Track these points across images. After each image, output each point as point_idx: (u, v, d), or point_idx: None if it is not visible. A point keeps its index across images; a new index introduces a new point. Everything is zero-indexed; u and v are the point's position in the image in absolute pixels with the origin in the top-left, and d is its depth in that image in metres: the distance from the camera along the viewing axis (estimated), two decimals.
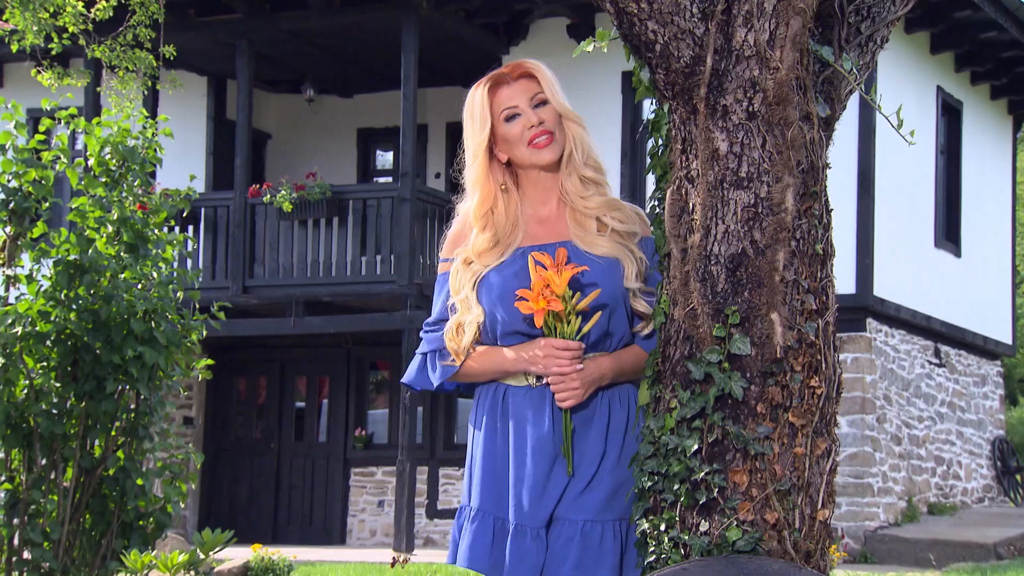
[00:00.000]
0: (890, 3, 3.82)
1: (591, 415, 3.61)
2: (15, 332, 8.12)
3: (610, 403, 3.63)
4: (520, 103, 3.67)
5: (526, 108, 3.67)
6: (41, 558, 8.04)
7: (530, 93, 3.68)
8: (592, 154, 3.69)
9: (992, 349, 18.94)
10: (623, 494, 3.56)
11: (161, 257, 8.70)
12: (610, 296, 3.60)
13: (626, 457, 3.59)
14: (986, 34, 16.96)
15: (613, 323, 3.63)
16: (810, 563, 3.54)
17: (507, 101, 3.69)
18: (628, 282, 3.61)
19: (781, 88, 3.54)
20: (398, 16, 15.82)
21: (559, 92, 3.67)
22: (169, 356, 8.49)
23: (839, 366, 3.66)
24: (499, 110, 3.69)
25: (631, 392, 3.67)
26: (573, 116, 3.67)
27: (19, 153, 8.52)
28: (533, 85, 3.68)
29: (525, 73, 3.69)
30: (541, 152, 3.66)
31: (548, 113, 3.66)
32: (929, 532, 14.83)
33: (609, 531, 3.53)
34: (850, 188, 15.06)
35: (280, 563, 11.50)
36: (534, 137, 3.66)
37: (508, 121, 3.68)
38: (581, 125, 3.68)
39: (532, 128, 3.65)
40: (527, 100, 3.67)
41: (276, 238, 16.35)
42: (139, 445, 8.52)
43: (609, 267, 3.61)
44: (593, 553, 3.49)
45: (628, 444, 3.61)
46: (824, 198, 3.65)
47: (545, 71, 3.69)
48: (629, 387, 3.67)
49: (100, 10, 11.93)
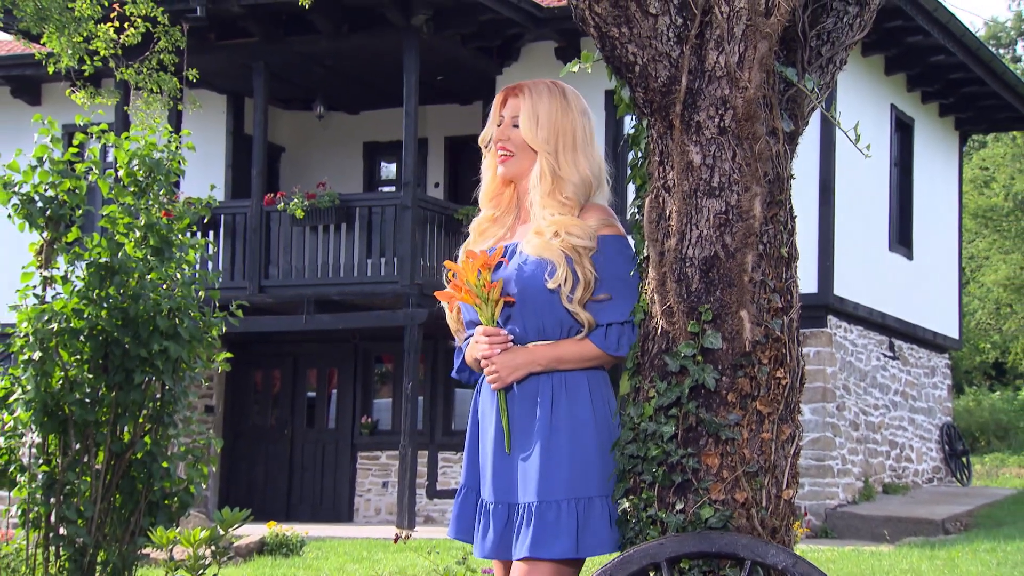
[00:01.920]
0: (848, 28, 3.82)
1: (534, 401, 3.54)
2: (51, 328, 8.11)
3: (554, 390, 3.54)
4: (508, 116, 3.67)
5: (506, 122, 3.65)
6: (75, 534, 8.03)
7: (515, 111, 3.66)
8: (563, 187, 3.58)
9: (941, 343, 18.96)
10: (577, 475, 3.48)
11: (184, 260, 8.68)
12: (526, 288, 3.54)
13: (577, 441, 3.51)
14: (935, 58, 16.98)
15: (527, 314, 3.55)
16: (776, 538, 3.54)
17: (504, 110, 3.68)
18: (549, 283, 3.51)
19: (749, 106, 3.54)
20: (400, 40, 15.80)
21: (533, 120, 3.59)
22: (192, 350, 8.47)
23: (802, 359, 3.66)
24: (498, 115, 3.68)
25: (580, 380, 3.56)
26: (544, 148, 3.59)
27: (55, 165, 8.50)
28: (518, 105, 3.66)
29: (519, 92, 3.67)
30: (499, 164, 3.65)
31: (516, 135, 3.63)
32: (884, 510, 14.85)
33: (563, 510, 3.45)
34: (812, 197, 15.07)
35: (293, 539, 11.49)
36: (497, 149, 3.66)
37: (497, 126, 3.68)
38: (554, 157, 3.59)
39: (499, 141, 3.65)
40: (510, 116, 3.66)
41: (289, 242, 16.33)
42: (164, 431, 8.50)
43: (537, 264, 3.54)
44: (549, 531, 3.42)
45: (578, 429, 3.52)
46: (789, 206, 3.65)
47: (531, 98, 3.62)
48: (579, 376, 3.56)
49: (129, 36, 11.91)
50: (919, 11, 15.66)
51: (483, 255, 3.57)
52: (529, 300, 3.56)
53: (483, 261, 3.56)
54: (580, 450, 3.51)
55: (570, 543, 3.43)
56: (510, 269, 3.58)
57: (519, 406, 3.56)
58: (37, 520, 8.05)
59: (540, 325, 3.56)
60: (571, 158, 3.64)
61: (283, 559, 10.94)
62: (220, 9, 15.79)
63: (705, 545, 3.33)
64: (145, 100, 12.92)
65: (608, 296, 3.55)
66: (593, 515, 3.48)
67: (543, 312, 3.55)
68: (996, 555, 10.49)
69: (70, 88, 13.17)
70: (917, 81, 17.86)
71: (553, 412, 3.53)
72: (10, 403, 8.20)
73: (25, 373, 8.09)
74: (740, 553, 3.29)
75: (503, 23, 16.08)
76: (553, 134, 3.63)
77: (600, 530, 3.48)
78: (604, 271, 3.56)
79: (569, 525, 3.44)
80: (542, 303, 3.55)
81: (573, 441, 3.51)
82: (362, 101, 18.72)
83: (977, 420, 26.77)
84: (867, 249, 16.59)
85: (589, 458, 3.51)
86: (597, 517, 3.48)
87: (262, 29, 16.34)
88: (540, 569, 3.44)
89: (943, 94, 18.52)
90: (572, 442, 3.51)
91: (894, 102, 17.45)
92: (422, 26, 15.64)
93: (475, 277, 3.56)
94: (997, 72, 18.14)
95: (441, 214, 16.37)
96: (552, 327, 3.56)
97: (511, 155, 3.64)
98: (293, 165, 19.30)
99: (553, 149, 3.62)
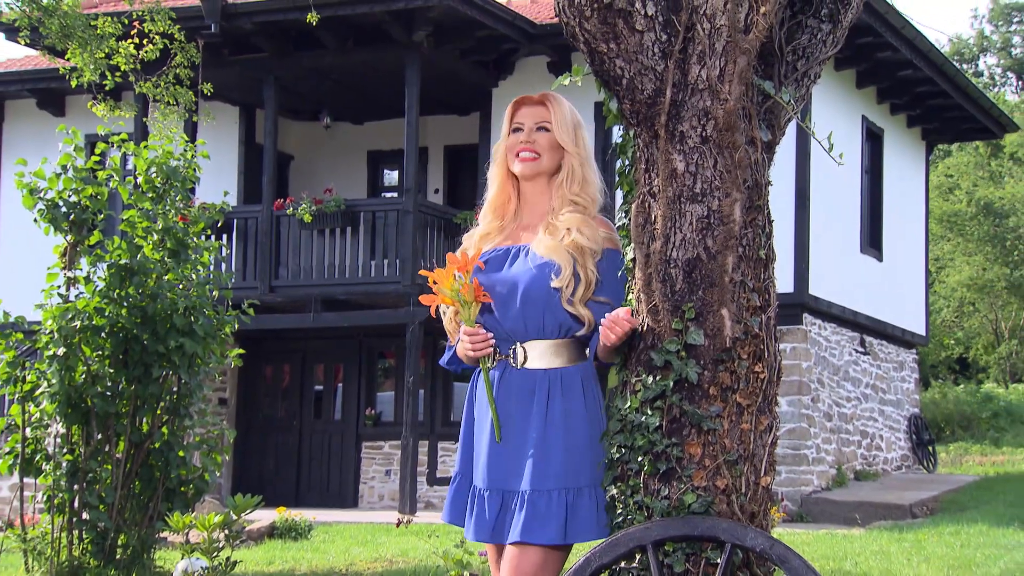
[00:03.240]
0: (821, 45, 3.83)
1: (530, 395, 3.54)
2: (74, 325, 8.10)
3: (551, 385, 3.54)
4: (527, 122, 3.69)
5: (529, 127, 3.67)
6: (97, 518, 8.02)
7: (537, 117, 3.68)
8: (587, 186, 3.65)
9: (909, 339, 18.97)
10: (569, 467, 3.48)
11: (199, 261, 8.68)
12: (530, 288, 3.54)
13: (570, 435, 3.50)
14: (903, 72, 16.99)
15: (529, 312, 3.55)
16: (754, 523, 3.54)
17: (519, 118, 3.72)
18: (553, 283, 3.53)
19: (730, 117, 3.54)
20: (402, 55, 15.80)
21: (567, 128, 3.65)
22: (206, 346, 8.47)
23: (779, 354, 3.66)
24: (512, 123, 3.69)
25: (575, 376, 3.56)
26: (574, 151, 3.65)
27: (78, 172, 8.50)
28: (544, 112, 3.67)
29: (542, 102, 3.68)
30: (518, 163, 3.66)
31: (543, 138, 3.66)
32: (855, 495, 14.85)
33: (554, 499, 3.45)
34: (789, 202, 15.07)
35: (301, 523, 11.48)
36: (520, 150, 3.66)
37: (513, 132, 3.71)
38: (583, 162, 3.66)
39: (523, 143, 3.65)
40: (533, 122, 3.67)
41: (298, 245, 16.32)
42: (181, 422, 8.50)
43: (542, 266, 3.56)
44: (540, 518, 3.42)
45: (571, 424, 3.51)
46: (766, 211, 3.65)
47: (560, 108, 3.68)
48: (573, 372, 3.57)
49: (147, 52, 11.90)
50: (888, 28, 15.67)
51: (463, 257, 3.57)
52: (534, 299, 3.56)
53: (460, 265, 3.56)
54: (572, 443, 3.51)
55: (559, 530, 3.43)
56: (520, 269, 3.59)
57: (516, 399, 3.56)
58: (61, 506, 8.05)
59: (540, 324, 3.57)
60: (590, 163, 3.70)
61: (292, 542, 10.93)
62: (233, 26, 15.78)
63: (688, 529, 3.33)
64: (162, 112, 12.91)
65: (609, 302, 3.57)
66: (582, 504, 3.48)
67: (544, 311, 3.56)
68: (960, 537, 10.51)
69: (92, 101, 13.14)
70: (886, 94, 17.87)
71: (549, 406, 3.53)
72: (36, 396, 8.19)
73: (50, 368, 8.09)
74: (721, 536, 3.29)
75: (499, 39, 16.08)
76: (578, 139, 3.68)
77: (588, 519, 3.48)
78: (607, 281, 3.59)
79: (559, 513, 3.44)
80: (545, 303, 3.56)
81: (567, 435, 3.51)
82: (366, 112, 18.70)
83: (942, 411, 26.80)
84: (840, 251, 16.61)
85: (580, 451, 3.51)
86: (585, 506, 3.48)
87: (272, 45, 16.33)
88: (530, 553, 3.44)
89: (911, 106, 18.53)
90: (566, 436, 3.51)
91: (865, 113, 17.46)
92: (423, 42, 15.63)
93: (453, 281, 3.56)
94: (961, 86, 18.17)
95: (440, 218, 16.36)
96: (551, 326, 3.57)
97: (537, 156, 3.66)
98: (301, 172, 19.29)
99: (578, 151, 3.66)
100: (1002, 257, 30.52)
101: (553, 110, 3.66)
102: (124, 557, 8.07)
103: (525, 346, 3.57)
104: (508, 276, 3.59)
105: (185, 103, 12.61)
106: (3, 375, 8.24)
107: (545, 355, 3.56)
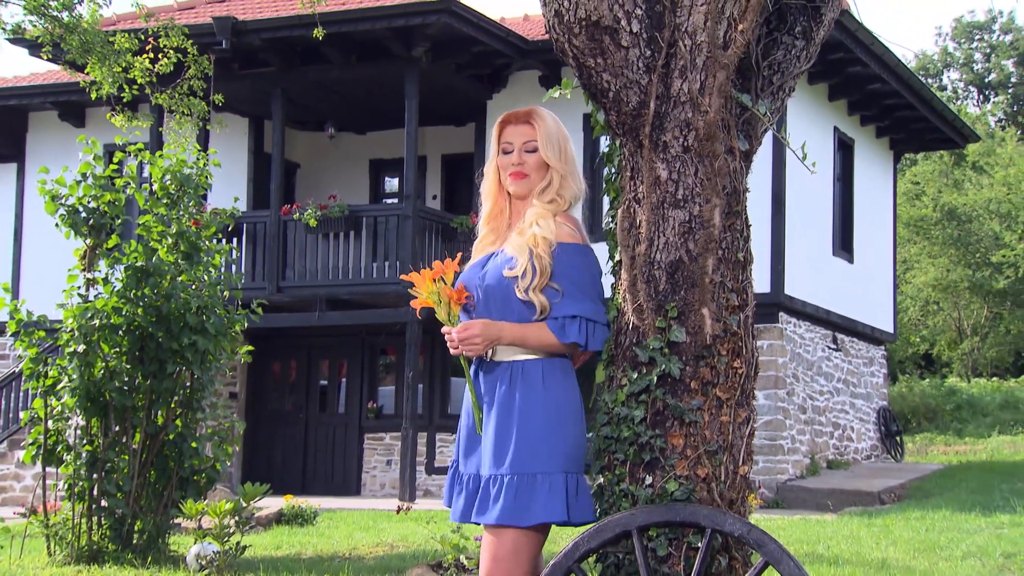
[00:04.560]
0: (796, 60, 3.83)
1: (495, 385, 3.51)
2: (94, 324, 8.09)
3: (512, 376, 3.50)
4: (515, 142, 3.65)
5: (518, 147, 3.64)
6: (115, 505, 8.01)
7: (525, 137, 3.64)
8: (563, 191, 3.62)
9: (878, 337, 18.99)
10: (521, 454, 3.42)
11: (211, 263, 8.66)
12: (490, 283, 3.54)
13: (524, 423, 3.44)
14: (872, 86, 17.00)
15: (493, 308, 3.53)
16: (733, 509, 3.54)
17: (508, 137, 3.68)
18: (506, 272, 3.50)
19: (710, 128, 3.54)
20: (402, 69, 15.79)
21: (553, 145, 3.62)
22: (217, 343, 8.46)
23: (757, 351, 3.66)
24: (501, 143, 3.67)
25: (535, 368, 3.50)
26: (559, 166, 3.62)
27: (97, 180, 8.49)
28: (531, 131, 3.64)
29: (528, 120, 3.65)
30: (511, 183, 3.65)
31: (532, 158, 3.63)
32: (828, 483, 14.86)
33: (504, 483, 3.41)
34: (765, 208, 15.08)
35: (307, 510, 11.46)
36: (511, 172, 3.65)
37: (504, 153, 3.68)
38: (563, 174, 3.62)
39: (514, 165, 3.64)
40: (521, 142, 3.64)
41: (304, 248, 16.29)
42: (193, 415, 8.49)
43: (505, 262, 3.54)
44: (489, 500, 3.41)
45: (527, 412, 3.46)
46: (744, 216, 3.65)
47: (546, 124, 3.63)
48: (534, 364, 3.51)
49: (162, 66, 11.88)
50: (858, 45, 15.68)
51: (441, 264, 3.58)
52: (493, 294, 3.54)
53: (438, 270, 3.56)
54: (526, 431, 3.44)
55: (504, 512, 3.39)
56: (489, 267, 3.59)
57: (487, 390, 3.55)
58: (81, 493, 8.03)
59: (503, 317, 3.53)
60: (572, 173, 3.66)
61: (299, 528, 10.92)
62: (243, 42, 15.76)
63: (671, 515, 3.33)
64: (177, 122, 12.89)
65: (560, 289, 3.50)
66: (535, 489, 3.40)
67: (504, 305, 3.53)
68: (925, 522, 10.52)
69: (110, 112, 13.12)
70: (857, 106, 17.89)
71: (507, 396, 3.50)
72: (58, 390, 8.18)
73: (71, 364, 8.08)
74: (702, 522, 3.29)
75: (493, 54, 16.07)
76: (563, 153, 3.65)
77: (542, 502, 3.38)
78: (560, 271, 3.51)
79: (505, 496, 3.40)
80: (503, 297, 3.53)
81: (521, 423, 3.46)
82: (368, 123, 18.69)
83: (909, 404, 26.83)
84: (814, 254, 16.62)
85: (534, 439, 3.43)
86: (540, 491, 3.39)
87: (280, 60, 16.32)
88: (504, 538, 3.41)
89: (879, 118, 18.55)
90: (520, 424, 3.46)
91: (837, 125, 17.47)
92: (421, 57, 15.62)
93: (429, 284, 3.56)
94: (926, 99, 18.19)
95: (438, 223, 16.35)
96: (511, 319, 3.53)
97: (526, 176, 3.64)
98: (307, 180, 19.27)
99: (563, 166, 3.64)
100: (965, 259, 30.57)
101: (539, 128, 3.62)
102: (140, 542, 8.05)
103: None
104: (478, 275, 3.59)
105: (198, 113, 12.59)
106: (27, 370, 8.23)
107: (509, 348, 3.52)
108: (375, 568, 7.79)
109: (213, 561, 7.40)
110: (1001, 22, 46.46)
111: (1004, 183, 30.10)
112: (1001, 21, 46.45)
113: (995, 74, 46.26)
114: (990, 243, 30.00)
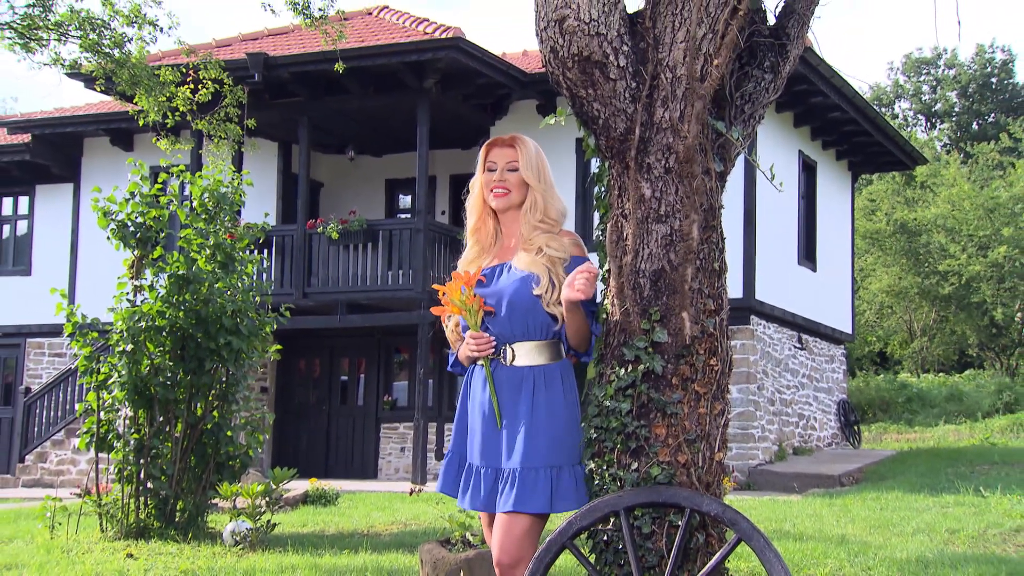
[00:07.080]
0: (764, 91, 3.83)
1: (519, 387, 3.50)
2: (140, 326, 8.09)
3: (535, 380, 3.50)
4: (499, 162, 3.66)
5: (501, 167, 3.64)
6: (159, 487, 8.00)
7: (508, 158, 3.65)
8: (549, 211, 3.62)
9: (838, 337, 18.97)
10: (552, 448, 3.43)
11: (244, 272, 8.66)
12: (514, 297, 3.53)
13: (552, 421, 3.45)
14: (832, 114, 17.01)
15: (516, 318, 3.52)
16: (709, 491, 3.53)
17: (493, 157, 3.68)
18: (535, 290, 3.51)
19: (689, 151, 3.54)
20: (415, 99, 15.80)
21: (531, 165, 3.61)
22: (250, 343, 8.45)
23: (731, 350, 3.66)
24: (486, 163, 3.67)
25: (556, 372, 3.51)
26: (537, 186, 3.61)
27: (144, 198, 8.49)
28: (513, 154, 3.64)
29: (512, 144, 3.65)
30: (493, 198, 3.64)
31: (513, 177, 3.63)
32: (794, 467, 14.84)
33: (541, 475, 3.41)
34: (738, 222, 15.07)
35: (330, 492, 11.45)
36: (493, 188, 3.64)
37: (488, 171, 3.66)
38: (543, 192, 3.61)
39: (495, 181, 3.63)
40: (504, 162, 3.64)
41: (327, 258, 16.29)
42: (228, 407, 8.48)
43: (523, 279, 3.54)
44: (529, 491, 3.39)
45: (553, 412, 3.46)
46: (720, 229, 3.65)
47: (527, 149, 3.63)
48: (554, 368, 3.52)
49: (202, 95, 11.89)
50: (820, 78, 15.69)
51: (465, 275, 3.57)
52: (518, 306, 3.54)
53: (464, 280, 3.55)
54: (554, 428, 3.46)
55: (546, 501, 3.40)
56: (504, 282, 3.57)
57: (506, 391, 3.53)
58: (130, 477, 8.03)
59: (526, 327, 3.54)
60: (551, 192, 3.66)
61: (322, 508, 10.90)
62: (273, 75, 15.78)
63: (654, 497, 3.32)
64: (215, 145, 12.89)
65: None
66: (563, 480, 3.43)
67: (529, 316, 3.54)
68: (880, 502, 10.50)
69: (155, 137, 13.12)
70: (819, 132, 17.89)
71: (535, 397, 3.50)
72: (108, 385, 8.18)
73: (120, 361, 8.08)
74: (682, 503, 3.28)
75: (495, 85, 16.08)
76: (541, 174, 3.64)
77: (568, 492, 3.44)
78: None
79: (545, 487, 3.41)
80: (528, 309, 3.54)
81: (549, 421, 3.47)
82: (385, 146, 18.70)
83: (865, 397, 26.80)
84: (781, 263, 16.61)
85: (561, 435, 3.46)
86: (566, 481, 3.43)
87: (306, 90, 16.33)
88: (520, 520, 3.42)
89: (839, 142, 18.55)
90: (548, 422, 3.47)
91: (801, 148, 17.47)
92: (432, 88, 15.63)
93: (459, 294, 3.55)
94: (880, 126, 18.20)
95: (446, 236, 16.34)
96: (535, 328, 3.54)
97: (508, 192, 3.63)
98: (330, 197, 19.27)
99: (541, 185, 3.63)
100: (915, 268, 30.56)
101: (521, 152, 3.62)
102: (182, 520, 8.05)
103: (513, 347, 3.54)
104: (495, 289, 3.58)
105: (234, 137, 12.59)
106: (82, 367, 8.23)
107: (531, 354, 3.52)
108: (390, 544, 7.77)
109: (247, 537, 7.39)
110: (946, 58, 46.49)
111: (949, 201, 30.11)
112: (946, 57, 46.49)
113: (941, 104, 46.28)
114: (937, 254, 29.99)
